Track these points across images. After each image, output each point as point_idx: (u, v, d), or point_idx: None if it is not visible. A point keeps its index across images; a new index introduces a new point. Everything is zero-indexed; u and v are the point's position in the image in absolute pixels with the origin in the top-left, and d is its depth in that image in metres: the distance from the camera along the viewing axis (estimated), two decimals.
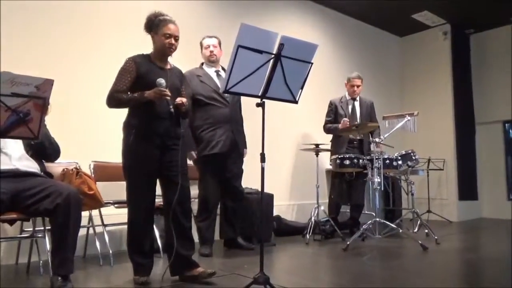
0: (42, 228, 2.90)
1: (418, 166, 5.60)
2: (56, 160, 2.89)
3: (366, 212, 4.85)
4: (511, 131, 6.70)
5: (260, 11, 5.13)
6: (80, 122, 3.67)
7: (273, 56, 2.01)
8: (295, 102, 2.23)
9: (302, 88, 2.21)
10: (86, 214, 3.32)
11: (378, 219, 3.92)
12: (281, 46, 1.99)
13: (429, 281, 2.72)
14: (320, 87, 5.56)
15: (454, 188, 6.30)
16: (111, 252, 3.22)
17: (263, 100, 2.12)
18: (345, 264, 3.27)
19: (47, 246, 2.79)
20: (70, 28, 3.70)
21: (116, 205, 3.32)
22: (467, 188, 6.42)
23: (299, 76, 2.15)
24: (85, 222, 3.36)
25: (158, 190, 2.68)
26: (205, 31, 3.76)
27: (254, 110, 2.60)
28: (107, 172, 3.60)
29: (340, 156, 4.25)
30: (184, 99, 2.55)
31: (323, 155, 4.67)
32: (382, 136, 4.09)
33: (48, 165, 2.87)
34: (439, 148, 6.33)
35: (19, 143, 2.57)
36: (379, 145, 4.14)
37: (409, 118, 4.30)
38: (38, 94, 1.87)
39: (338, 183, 4.58)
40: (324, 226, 4.40)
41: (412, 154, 4.39)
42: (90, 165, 3.50)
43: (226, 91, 1.95)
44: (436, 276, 2.84)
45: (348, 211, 4.76)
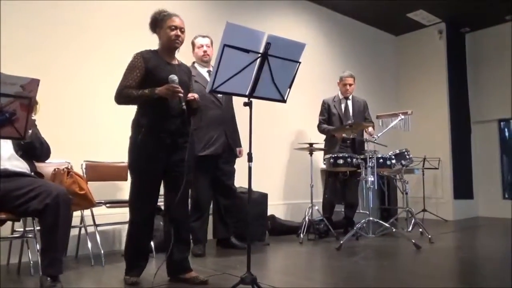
0: (32, 228, 2.91)
1: (414, 165, 5.61)
2: (48, 160, 2.88)
3: (360, 211, 4.85)
4: (506, 130, 6.70)
5: (254, 11, 5.12)
6: (73, 122, 3.66)
7: (259, 55, 2.00)
8: (284, 101, 2.22)
9: (290, 87, 2.20)
10: (78, 214, 3.31)
11: (371, 218, 3.92)
12: (267, 45, 1.98)
13: (420, 280, 2.72)
14: (314, 86, 5.56)
15: (450, 187, 6.30)
16: (102, 252, 3.21)
17: (250, 99, 2.10)
18: (337, 263, 3.27)
19: (37, 247, 2.80)
20: (64, 29, 3.69)
21: (107, 205, 3.31)
22: (463, 187, 6.42)
23: (287, 75, 2.14)
24: (77, 222, 3.37)
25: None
26: (197, 30, 3.74)
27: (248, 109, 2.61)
28: (99, 172, 3.60)
29: (333, 156, 4.24)
30: (196, 95, 2.48)
31: (317, 154, 4.66)
32: (375, 135, 4.09)
33: (40, 165, 2.86)
34: (435, 147, 6.33)
35: (8, 143, 2.55)
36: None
37: (402, 117, 4.30)
38: (24, 94, 1.86)
39: (332, 183, 4.58)
40: (318, 225, 4.39)
41: (406, 153, 4.39)
42: (82, 165, 3.49)
43: (213, 90, 1.94)
44: (428, 274, 2.84)
45: (342, 210, 4.76)
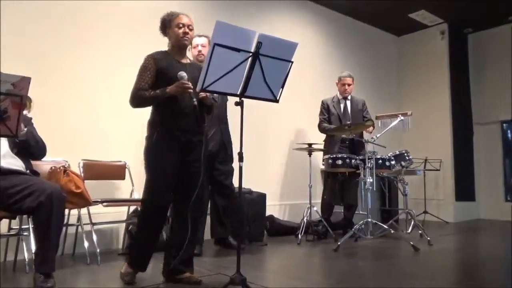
0: (27, 226, 2.92)
1: (415, 166, 5.58)
2: (45, 158, 2.89)
3: (360, 212, 4.82)
4: (509, 131, 6.65)
5: (253, 11, 5.10)
6: (71, 121, 3.66)
7: (251, 54, 2.00)
8: (276, 101, 2.21)
9: (283, 87, 2.19)
10: (75, 212, 3.33)
11: (370, 220, 3.89)
12: (259, 45, 1.97)
13: (417, 281, 2.70)
14: (314, 86, 5.55)
15: (451, 189, 6.25)
16: (98, 251, 3.21)
17: (242, 99, 2.09)
18: (334, 264, 3.26)
19: (33, 244, 2.81)
20: (64, 28, 3.70)
21: (104, 203, 3.31)
22: (464, 189, 6.38)
23: (279, 75, 2.13)
24: (74, 220, 3.38)
25: None
26: (196, 31, 3.73)
27: (246, 109, 2.58)
28: (96, 170, 3.61)
29: (332, 156, 4.22)
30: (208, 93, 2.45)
31: (316, 154, 4.65)
32: (374, 136, 4.06)
33: (36, 163, 2.87)
34: (436, 148, 6.29)
35: (3, 141, 2.56)
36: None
37: (402, 118, 4.27)
38: (15, 92, 1.86)
39: (330, 183, 4.56)
40: (317, 226, 4.37)
41: (405, 154, 4.36)
42: (79, 163, 3.50)
43: (203, 89, 1.93)
44: (425, 276, 2.82)
45: (342, 211, 4.74)
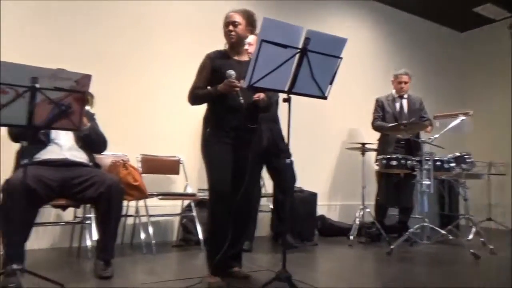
0: (90, 215, 3.15)
1: (478, 170, 5.24)
2: (106, 152, 3.09)
3: (416, 216, 4.62)
4: None
5: (303, 9, 5.07)
6: (132, 117, 3.88)
7: (298, 50, 2.00)
8: (324, 98, 2.19)
9: (332, 84, 2.17)
10: (133, 204, 3.53)
11: (426, 224, 3.72)
12: (306, 41, 1.97)
13: None
14: (368, 84, 5.42)
15: None
16: (154, 242, 3.38)
17: (289, 95, 2.10)
18: (386, 268, 3.17)
19: (94, 233, 3.03)
20: (128, 30, 3.94)
21: (159, 196, 3.47)
22: None
23: (328, 71, 2.10)
24: (132, 212, 3.58)
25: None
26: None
27: (297, 107, 2.53)
28: (153, 165, 3.79)
29: (386, 156, 4.09)
30: (262, 94, 2.45)
31: (370, 154, 4.53)
32: (432, 136, 3.88)
33: (99, 156, 3.08)
34: (502, 151, 5.86)
35: (69, 134, 2.78)
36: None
37: (463, 118, 4.03)
38: (78, 88, 2.02)
39: (384, 185, 4.41)
40: (369, 228, 4.27)
41: (467, 157, 4.11)
42: (137, 157, 3.70)
43: (250, 86, 1.97)
44: (484, 286, 2.65)
45: (397, 214, 4.58)
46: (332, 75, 2.13)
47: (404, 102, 4.50)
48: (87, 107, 2.64)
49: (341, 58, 2.11)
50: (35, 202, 2.41)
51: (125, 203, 2.97)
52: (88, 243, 3.15)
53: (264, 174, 3.77)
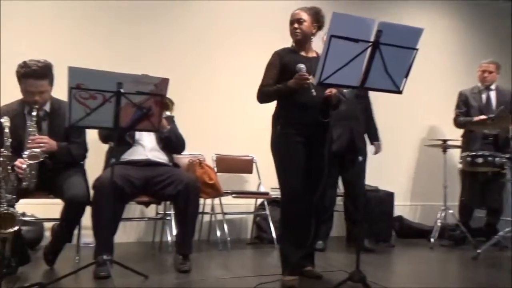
0: (170, 212, 3.33)
1: None
2: (184, 152, 3.25)
3: (507, 218, 4.23)
4: None
5: (396, 10, 4.81)
6: (207, 119, 4.04)
7: (370, 44, 1.94)
8: (399, 93, 2.09)
9: (407, 77, 2.07)
10: (209, 202, 3.67)
11: None
12: (379, 33, 1.90)
13: None
14: (450, 78, 5.04)
15: None
16: (229, 239, 3.48)
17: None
18: (471, 274, 2.96)
19: (173, 228, 3.20)
20: (203, 38, 4.12)
21: (234, 195, 3.57)
22: None
23: (402, 64, 2.01)
24: (208, 209, 3.73)
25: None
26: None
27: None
28: (227, 164, 3.91)
29: (471, 154, 3.79)
30: (334, 90, 2.41)
31: (452, 152, 4.24)
32: None
33: (177, 156, 3.25)
34: None
35: (152, 136, 2.96)
36: None
37: None
38: (157, 92, 2.15)
39: (469, 184, 4.09)
40: (453, 231, 4.01)
41: None
42: (212, 157, 3.84)
43: (320, 83, 1.94)
44: None
45: (484, 216, 4.23)
46: (407, 68, 2.04)
47: (492, 94, 4.12)
48: (167, 112, 2.79)
49: (416, 50, 2.01)
50: (122, 198, 2.61)
51: (201, 201, 3.10)
52: (169, 238, 3.34)
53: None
